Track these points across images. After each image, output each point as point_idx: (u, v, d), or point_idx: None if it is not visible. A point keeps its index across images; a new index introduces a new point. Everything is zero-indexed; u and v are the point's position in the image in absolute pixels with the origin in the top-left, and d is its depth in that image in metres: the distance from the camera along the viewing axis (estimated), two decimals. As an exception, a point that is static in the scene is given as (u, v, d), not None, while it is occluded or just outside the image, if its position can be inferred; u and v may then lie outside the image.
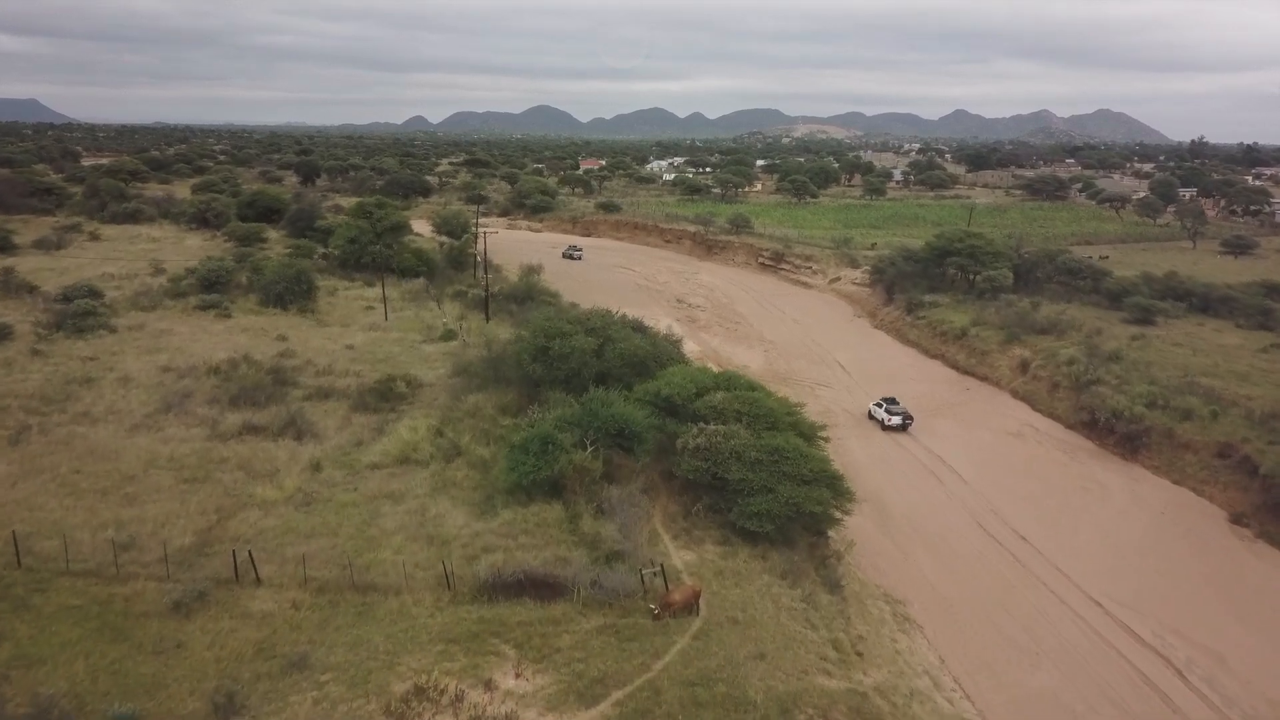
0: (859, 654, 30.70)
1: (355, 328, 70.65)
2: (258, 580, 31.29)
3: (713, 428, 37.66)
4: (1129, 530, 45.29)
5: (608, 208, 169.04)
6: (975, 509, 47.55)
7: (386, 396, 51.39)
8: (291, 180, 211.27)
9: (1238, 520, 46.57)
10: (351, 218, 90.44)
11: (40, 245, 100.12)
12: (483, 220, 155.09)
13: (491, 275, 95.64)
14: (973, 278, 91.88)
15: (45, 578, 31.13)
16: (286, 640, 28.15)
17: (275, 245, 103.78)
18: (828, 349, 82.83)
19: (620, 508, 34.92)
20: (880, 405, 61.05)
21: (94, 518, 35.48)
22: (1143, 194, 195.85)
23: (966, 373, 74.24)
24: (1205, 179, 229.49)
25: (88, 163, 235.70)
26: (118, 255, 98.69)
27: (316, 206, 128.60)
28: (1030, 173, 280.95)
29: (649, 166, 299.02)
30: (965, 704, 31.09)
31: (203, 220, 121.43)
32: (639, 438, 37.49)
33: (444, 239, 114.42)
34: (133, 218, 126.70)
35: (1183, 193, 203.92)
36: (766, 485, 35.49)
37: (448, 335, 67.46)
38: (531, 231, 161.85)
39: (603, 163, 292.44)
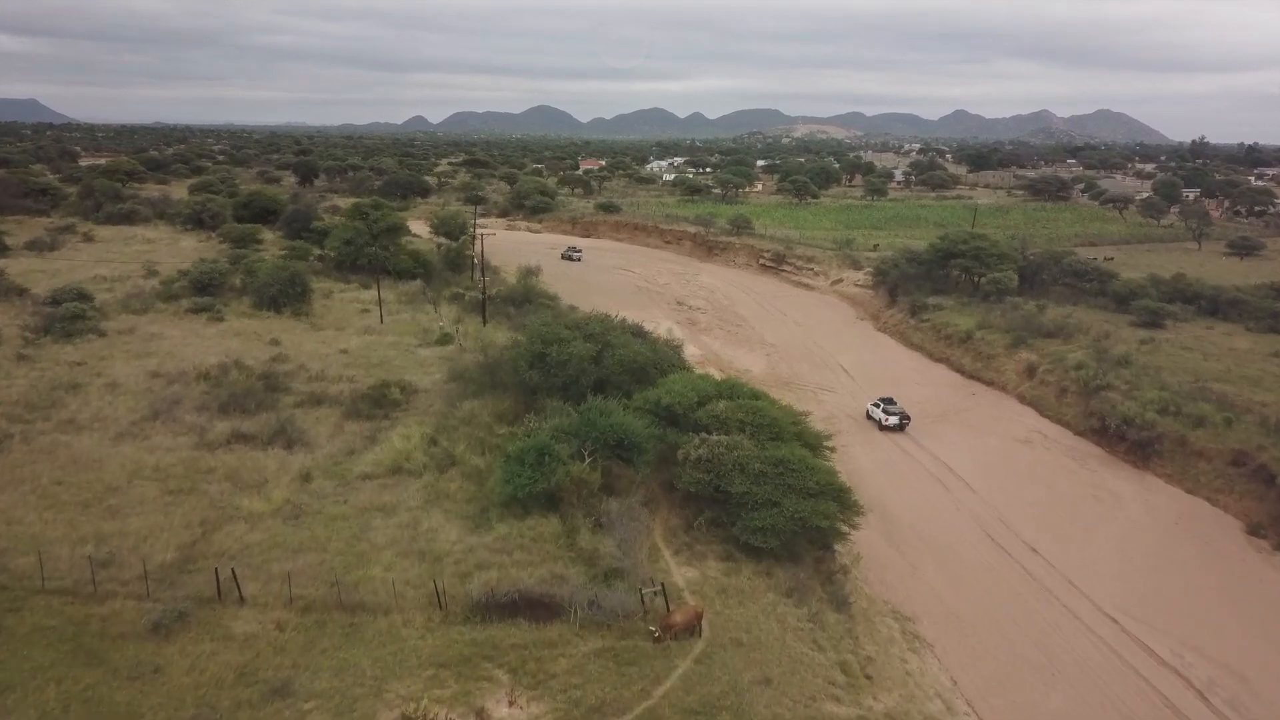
0: (868, 677, 29.43)
1: (350, 331, 69.35)
2: (241, 599, 30.03)
3: (715, 438, 36.34)
4: (1143, 541, 44.00)
5: (607, 208, 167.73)
6: (984, 518, 46.26)
7: (380, 403, 50.14)
8: (289, 181, 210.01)
9: (1254, 531, 45.26)
10: (347, 219, 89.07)
11: (33, 247, 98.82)
12: (481, 221, 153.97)
13: (489, 277, 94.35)
14: (977, 280, 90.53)
15: (20, 596, 29.85)
16: (269, 664, 26.88)
17: (271, 247, 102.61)
18: (830, 352, 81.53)
19: (619, 522, 33.62)
20: (878, 405, 61.12)
21: (74, 532, 34.22)
22: (1145, 194, 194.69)
23: (972, 377, 72.94)
24: (1208, 179, 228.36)
25: (85, 163, 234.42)
26: (111, 257, 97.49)
27: (313, 207, 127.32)
28: (1032, 173, 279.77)
29: (649, 167, 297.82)
30: (979, 728, 29.84)
31: (198, 221, 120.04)
32: (639, 449, 36.17)
33: (442, 240, 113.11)
34: (128, 219, 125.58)
35: (1186, 193, 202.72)
36: (771, 499, 34.16)
37: (444, 339, 66.19)
38: (530, 232, 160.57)
39: (602, 163, 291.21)
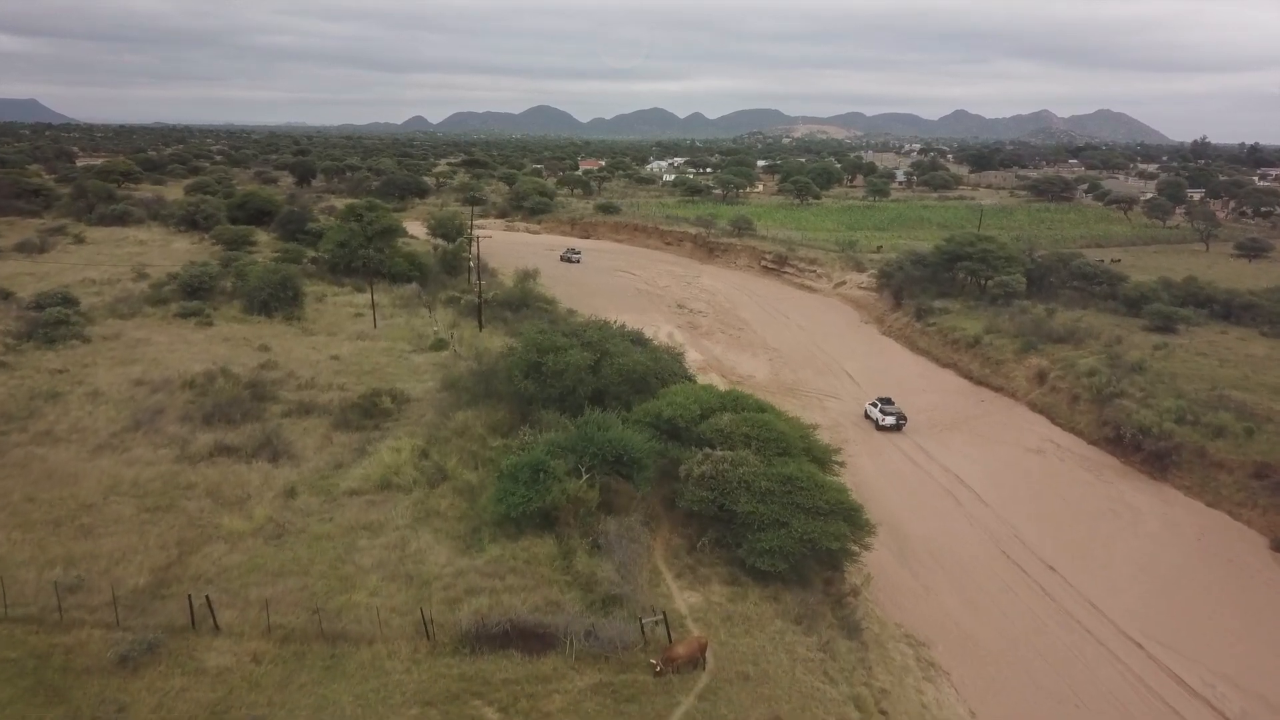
0: (883, 712, 27.66)
1: (342, 336, 67.53)
2: (216, 628, 28.24)
3: (719, 453, 34.55)
4: (1164, 559, 42.22)
5: (607, 209, 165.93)
6: (998, 534, 44.49)
7: (370, 413, 48.37)
8: (287, 181, 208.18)
9: (1279, 547, 43.54)
10: (341, 221, 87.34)
11: (22, 248, 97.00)
12: (480, 222, 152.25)
13: (487, 280, 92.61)
14: (984, 283, 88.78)
15: (-20, 625, 28.08)
16: (243, 701, 25.11)
17: (264, 249, 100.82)
18: (835, 357, 79.78)
19: (618, 543, 31.84)
20: (876, 405, 61.44)
21: (43, 553, 32.42)
22: (1150, 195, 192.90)
23: (980, 383, 71.15)
24: (1213, 180, 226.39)
25: (83, 163, 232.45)
26: (101, 259, 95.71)
27: (308, 209, 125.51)
28: (1034, 174, 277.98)
29: (649, 167, 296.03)
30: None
31: (192, 223, 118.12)
32: (639, 465, 34.35)
33: (438, 242, 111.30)
34: (121, 220, 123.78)
35: (1190, 194, 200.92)
36: (778, 519, 32.35)
37: (438, 345, 64.40)
38: (529, 233, 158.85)
39: (602, 163, 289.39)
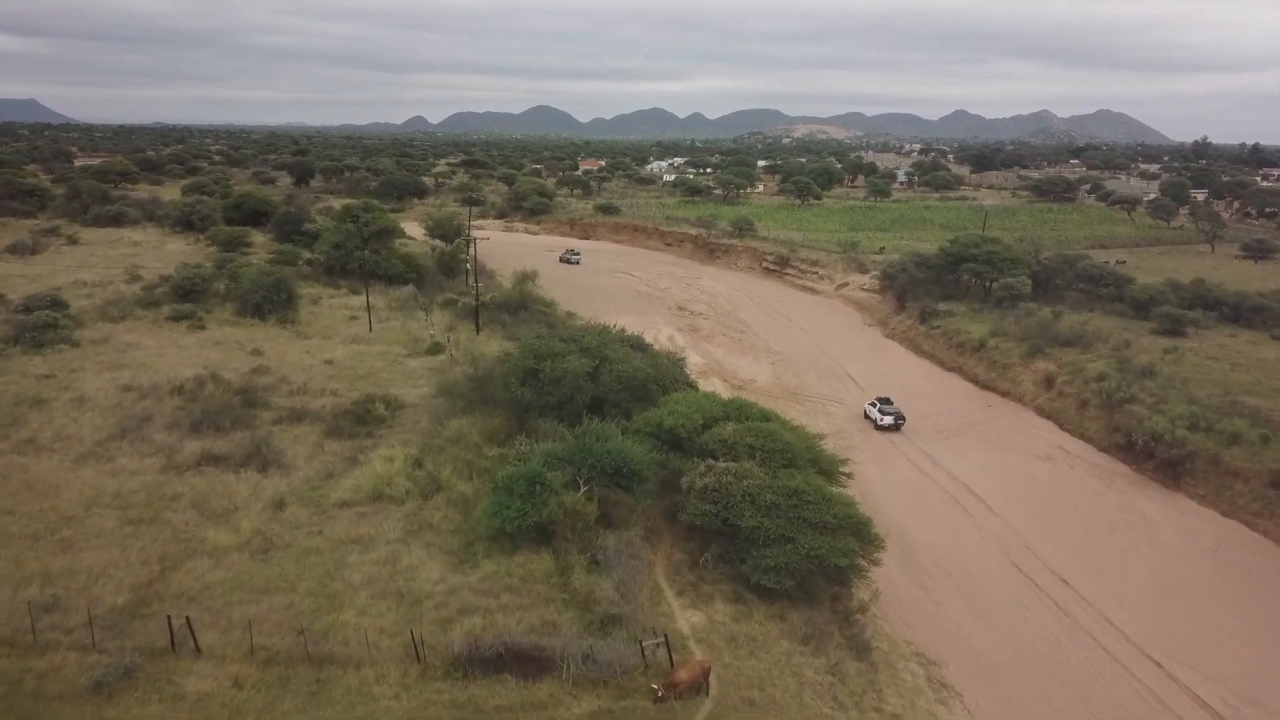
0: (895, 739, 26.44)
1: (337, 340, 66.27)
2: (197, 650, 27.00)
3: (722, 465, 33.29)
4: (1181, 572, 40.97)
5: (607, 210, 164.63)
6: (1009, 545, 43.23)
7: (363, 420, 47.10)
8: (285, 181, 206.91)
9: (1298, 559, 42.31)
10: (337, 222, 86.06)
11: (14, 250, 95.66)
12: (479, 223, 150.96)
13: (485, 281, 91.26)
14: (989, 285, 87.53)
15: (-50, 647, 26.83)
16: (223, 730, 23.89)
17: (260, 250, 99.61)
18: (838, 360, 78.52)
19: (618, 559, 30.60)
20: (875, 405, 61.42)
21: (19, 570, 31.18)
22: (1152, 196, 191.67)
23: (986, 387, 69.89)
24: (1216, 180, 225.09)
25: (81, 164, 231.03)
26: (94, 261, 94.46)
27: (305, 209, 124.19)
28: (1036, 174, 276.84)
29: (649, 167, 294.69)
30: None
31: (187, 223, 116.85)
32: (639, 477, 33.08)
33: (436, 243, 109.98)
34: (116, 220, 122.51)
35: (1193, 194, 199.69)
36: (784, 534, 31.08)
37: (434, 348, 63.14)
38: (528, 234, 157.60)
39: (602, 163, 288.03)
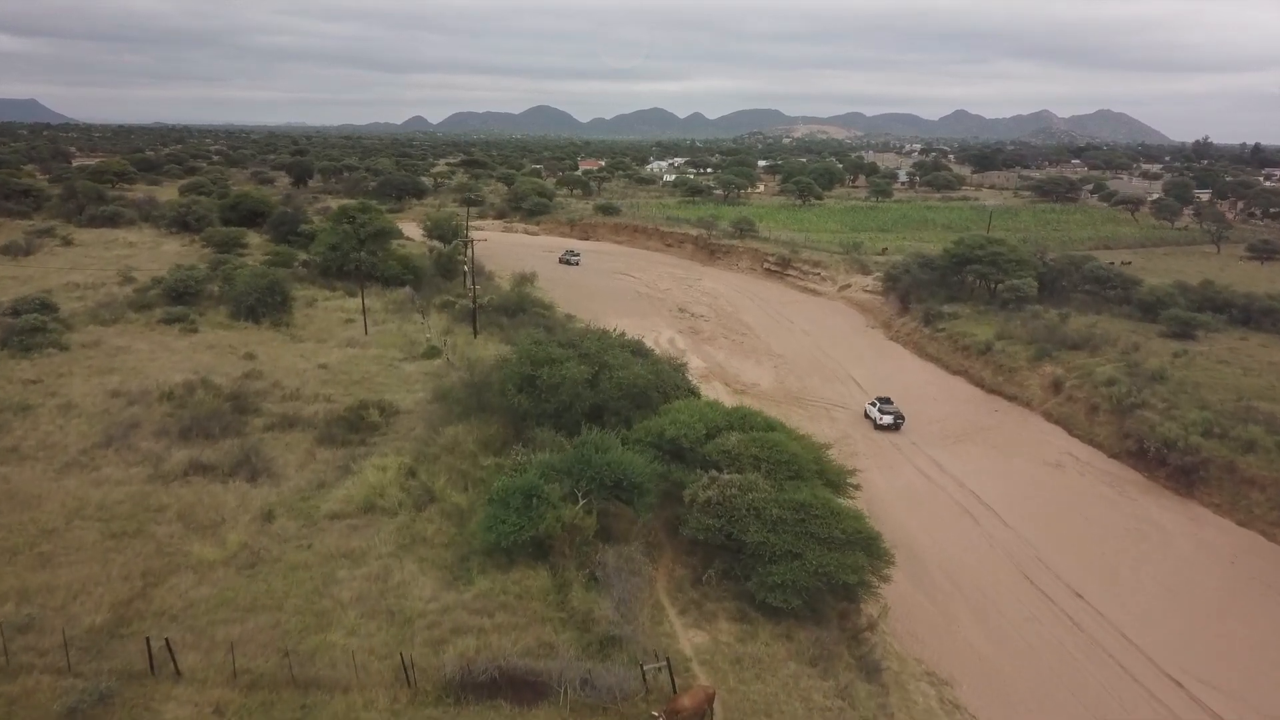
0: (908, 767, 25.24)
1: (332, 343, 65.08)
2: (177, 673, 25.79)
3: (726, 477, 32.07)
4: (1198, 584, 39.76)
5: (607, 210, 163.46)
6: (1020, 557, 42.03)
7: (356, 427, 45.93)
8: (284, 181, 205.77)
9: (1318, 571, 41.11)
10: (333, 223, 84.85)
11: (7, 251, 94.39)
12: (478, 223, 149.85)
13: (483, 283, 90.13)
14: (994, 287, 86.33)
15: (-81, 671, 25.62)
16: (202, 761, 22.68)
17: (255, 251, 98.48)
18: (841, 363, 77.33)
19: (617, 576, 29.39)
20: (875, 404, 61.67)
21: (-5, 586, 30.01)
22: (1156, 196, 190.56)
23: (993, 391, 68.69)
24: (1219, 180, 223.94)
25: (79, 164, 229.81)
26: (88, 262, 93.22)
27: (302, 210, 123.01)
28: (1038, 174, 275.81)
29: (649, 167, 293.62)
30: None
31: (183, 224, 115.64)
32: (640, 489, 31.88)
33: (434, 244, 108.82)
34: (111, 221, 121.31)
35: (1196, 194, 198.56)
36: (791, 550, 29.85)
37: (431, 352, 61.95)
38: (528, 235, 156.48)
39: (602, 163, 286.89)
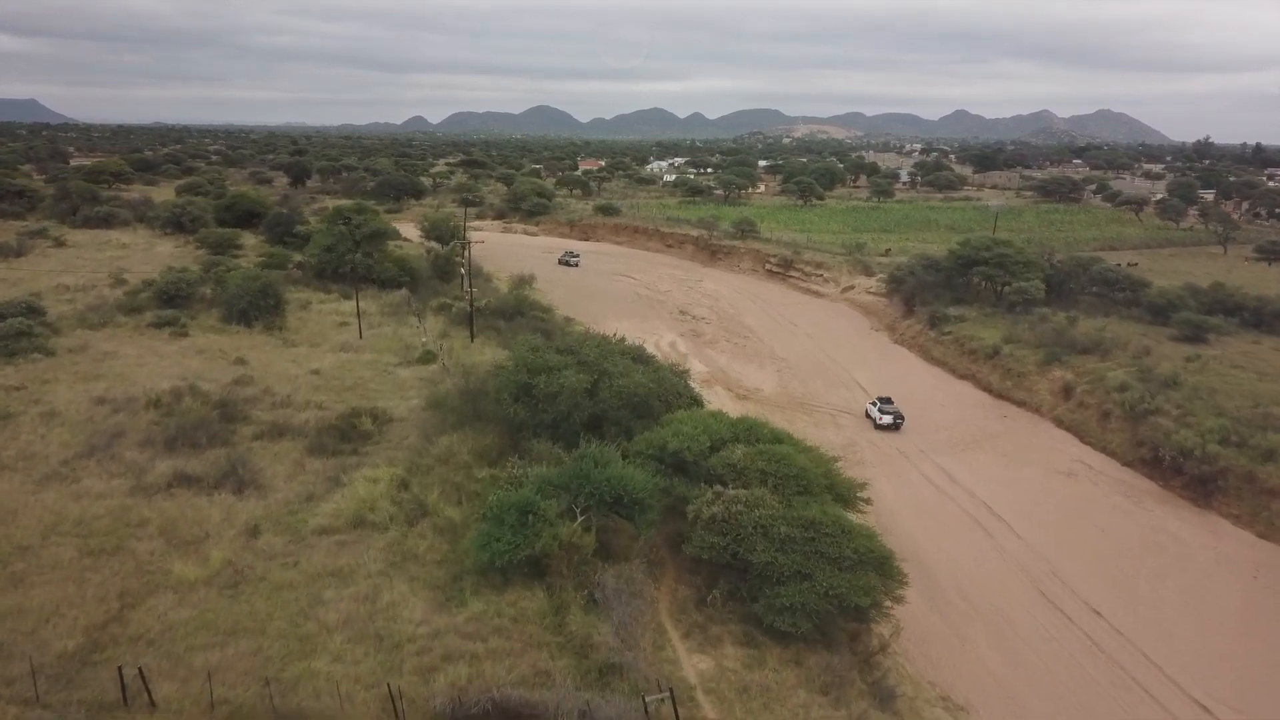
0: (926, 805, 23.81)
1: (325, 348, 63.63)
2: (151, 704, 24.36)
3: (732, 493, 30.63)
4: (1221, 601, 38.35)
5: (607, 210, 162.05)
6: (1034, 571, 40.61)
7: (348, 436, 44.47)
8: (282, 182, 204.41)
9: (1343, 586, 39.70)
10: (328, 224, 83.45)
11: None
12: (477, 224, 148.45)
13: (482, 284, 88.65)
14: (1001, 289, 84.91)
15: (-122, 702, 24.22)
16: (174, 802, 21.27)
17: (251, 253, 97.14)
18: (845, 367, 75.92)
19: (617, 598, 27.98)
20: (875, 404, 61.91)
21: (-37, 609, 28.57)
22: (1160, 196, 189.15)
23: (1001, 396, 67.27)
24: (1223, 180, 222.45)
25: (77, 164, 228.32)
26: (80, 264, 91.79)
27: (299, 210, 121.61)
28: (1040, 174, 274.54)
29: (649, 167, 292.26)
30: None
31: (178, 225, 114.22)
32: (641, 506, 30.45)
33: (432, 245, 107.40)
34: (105, 222, 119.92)
35: (1200, 194, 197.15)
36: (800, 570, 28.41)
37: (426, 357, 60.52)
38: (527, 235, 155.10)
39: (602, 163, 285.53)
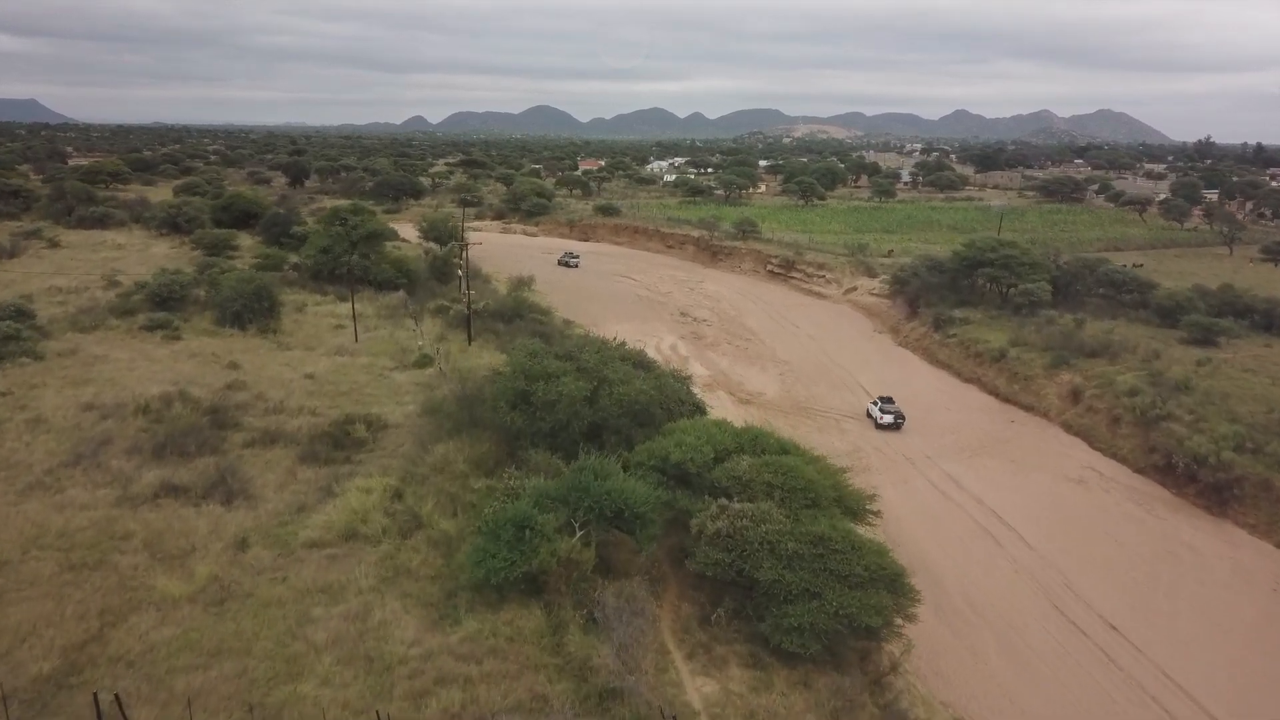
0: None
1: (320, 351, 62.47)
2: (129, 732, 23.24)
3: (737, 506, 29.44)
4: (1240, 614, 37.19)
5: (607, 211, 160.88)
6: (1047, 583, 39.45)
7: (341, 443, 43.30)
8: (280, 182, 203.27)
9: (1366, 599, 38.55)
10: (324, 225, 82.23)
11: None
12: (476, 224, 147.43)
13: (480, 286, 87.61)
14: (1006, 291, 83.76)
15: None
16: (149, 840, 20.11)
17: (246, 254, 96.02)
18: (849, 370, 74.76)
19: (618, 617, 26.81)
20: (876, 404, 61.77)
21: (-63, 628, 27.41)
22: (1164, 196, 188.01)
23: (1008, 400, 66.10)
24: (1226, 180, 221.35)
25: (75, 164, 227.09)
26: (74, 265, 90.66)
27: (296, 211, 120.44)
28: (1041, 174, 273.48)
29: (649, 167, 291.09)
30: None
31: (174, 225, 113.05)
32: (643, 520, 29.28)
33: (430, 246, 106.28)
34: (101, 222, 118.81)
35: (1204, 194, 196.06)
36: (809, 588, 27.24)
37: (423, 361, 59.36)
38: (526, 236, 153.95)
39: (602, 163, 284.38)
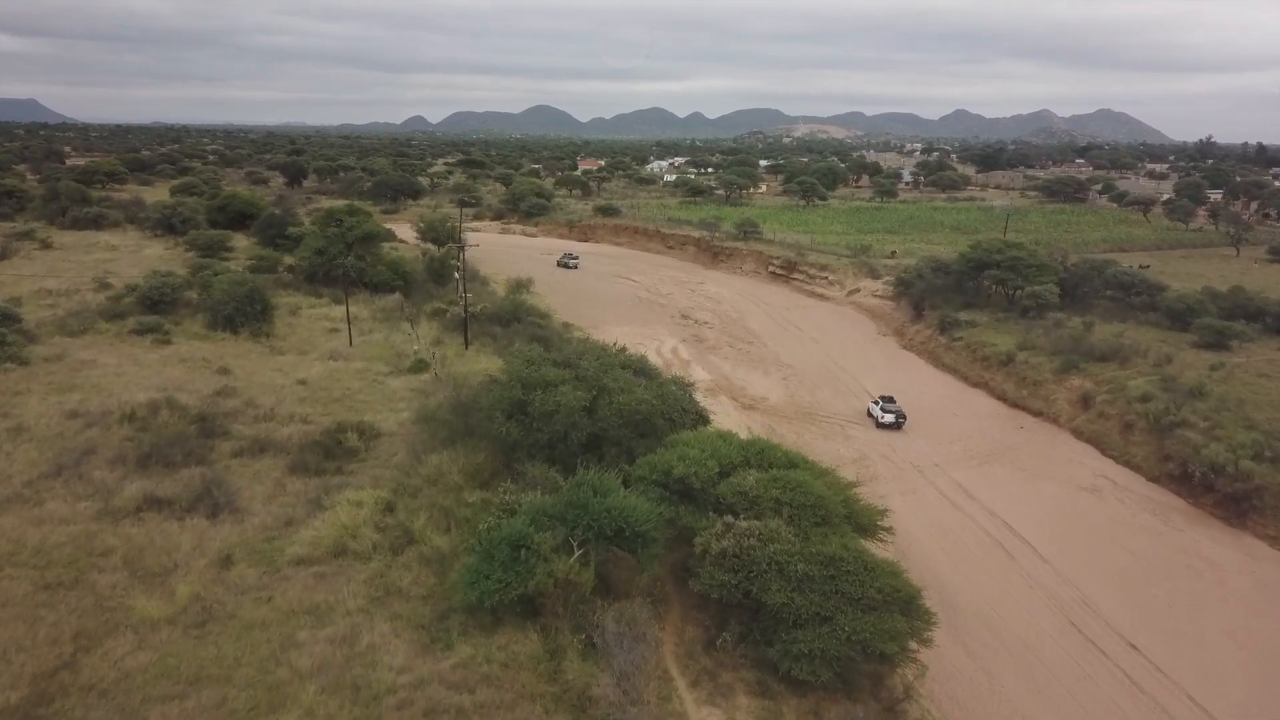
0: None
1: (313, 356, 61.12)
2: (99, 769, 21.91)
3: (743, 524, 28.05)
4: (1264, 631, 35.78)
5: (606, 211, 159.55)
6: (1063, 600, 38.05)
7: (333, 453, 41.98)
8: (278, 182, 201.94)
9: (1393, 615, 37.17)
10: (319, 226, 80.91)
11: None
12: (475, 224, 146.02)
13: (478, 289, 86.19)
14: (1013, 293, 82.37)
15: None
16: None
17: (241, 255, 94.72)
18: (853, 374, 73.35)
19: (618, 643, 25.43)
20: (877, 403, 61.73)
21: (-99, 654, 26.03)
22: (1167, 196, 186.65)
23: (1016, 406, 64.71)
24: (1230, 180, 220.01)
25: (72, 164, 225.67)
26: (66, 267, 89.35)
27: (292, 211, 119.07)
28: (1043, 173, 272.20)
29: (649, 167, 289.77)
30: None
31: (169, 226, 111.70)
32: (644, 538, 27.90)
33: (428, 246, 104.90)
34: (95, 223, 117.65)
35: (1208, 194, 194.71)
36: (820, 612, 25.88)
37: (418, 366, 57.99)
38: (525, 236, 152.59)
39: (602, 163, 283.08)
